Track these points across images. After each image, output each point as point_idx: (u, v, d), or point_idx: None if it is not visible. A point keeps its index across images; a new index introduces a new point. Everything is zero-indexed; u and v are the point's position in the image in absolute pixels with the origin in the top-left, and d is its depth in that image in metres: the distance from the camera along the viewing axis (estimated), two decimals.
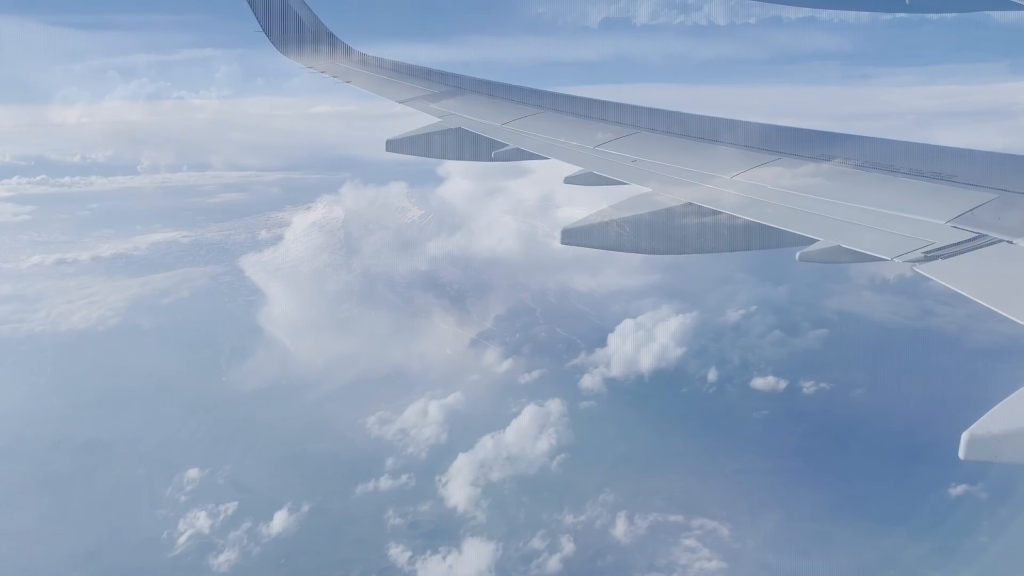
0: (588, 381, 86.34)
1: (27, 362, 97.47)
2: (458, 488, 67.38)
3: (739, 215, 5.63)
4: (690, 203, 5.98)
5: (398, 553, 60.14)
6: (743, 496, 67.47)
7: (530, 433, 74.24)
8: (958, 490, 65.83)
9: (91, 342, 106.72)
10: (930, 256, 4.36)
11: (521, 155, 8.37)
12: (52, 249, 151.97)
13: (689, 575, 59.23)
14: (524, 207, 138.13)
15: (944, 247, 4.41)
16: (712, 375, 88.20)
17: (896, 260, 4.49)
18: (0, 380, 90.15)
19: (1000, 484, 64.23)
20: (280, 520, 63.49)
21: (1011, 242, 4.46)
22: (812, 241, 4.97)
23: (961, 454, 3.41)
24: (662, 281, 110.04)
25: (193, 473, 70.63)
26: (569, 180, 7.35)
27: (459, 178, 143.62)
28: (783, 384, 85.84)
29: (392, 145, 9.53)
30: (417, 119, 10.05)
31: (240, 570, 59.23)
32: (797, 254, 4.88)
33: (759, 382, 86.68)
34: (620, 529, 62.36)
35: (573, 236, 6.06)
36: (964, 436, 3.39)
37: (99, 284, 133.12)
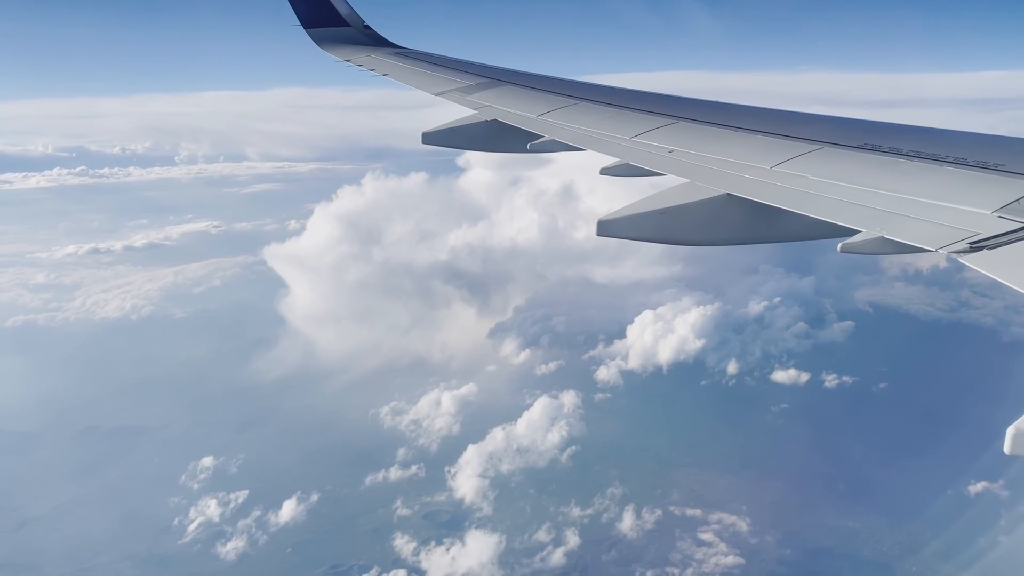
0: (604, 373, 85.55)
1: (62, 350, 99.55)
2: (466, 479, 67.12)
3: (780, 206, 5.45)
4: (729, 193, 5.77)
5: (403, 544, 59.93)
6: (762, 490, 66.34)
7: (541, 425, 73.48)
8: (978, 487, 63.95)
9: (125, 330, 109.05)
10: (975, 247, 4.21)
11: (556, 146, 8.09)
12: (88, 239, 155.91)
13: (705, 570, 58.21)
14: (544, 198, 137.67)
15: (990, 237, 4.25)
16: (732, 368, 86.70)
17: (940, 251, 4.30)
18: (36, 367, 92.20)
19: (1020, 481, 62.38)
20: (288, 509, 63.72)
21: None
22: (853, 232, 4.82)
23: (1007, 449, 3.16)
24: (683, 272, 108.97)
25: (207, 461, 71.25)
26: (605, 171, 7.05)
27: (480, 168, 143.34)
28: (805, 377, 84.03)
29: (428, 137, 9.39)
30: (452, 110, 10.00)
31: (247, 558, 59.39)
32: (839, 245, 4.70)
33: (780, 375, 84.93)
34: (627, 523, 61.36)
35: (609, 227, 5.76)
36: (1010, 431, 3.15)
37: (135, 273, 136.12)
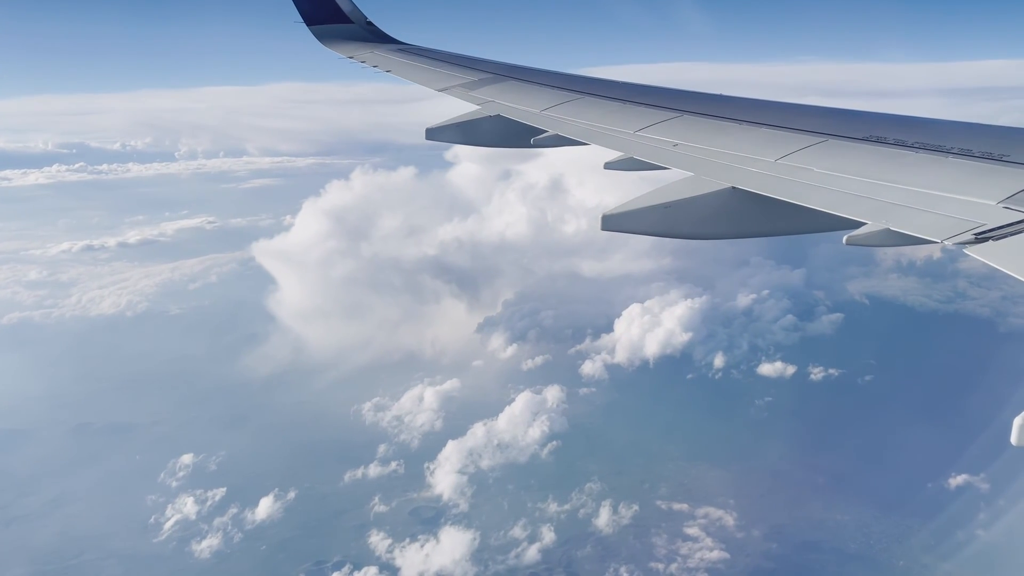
0: (589, 367, 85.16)
1: (57, 347, 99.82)
2: (445, 476, 66.80)
3: (785, 199, 5.44)
4: (734, 187, 5.74)
5: (378, 541, 59.61)
6: (749, 484, 66.04)
7: (523, 420, 73.05)
8: (958, 479, 63.79)
9: (120, 327, 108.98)
10: (981, 238, 4.18)
11: (560, 141, 8.12)
12: (87, 235, 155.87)
13: (689, 565, 58.03)
14: (533, 192, 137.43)
15: (995, 228, 4.22)
16: (719, 361, 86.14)
17: (946, 243, 4.28)
18: (31, 365, 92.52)
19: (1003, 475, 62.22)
20: (265, 506, 63.56)
21: None
22: (859, 224, 4.81)
23: (1013, 439, 3.28)
24: (673, 265, 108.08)
25: (187, 459, 71.15)
26: (609, 166, 7.00)
27: (469, 163, 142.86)
28: (791, 370, 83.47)
29: (432, 133, 9.43)
30: (454, 106, 10.05)
31: (221, 556, 59.28)
32: (844, 238, 4.67)
33: (766, 368, 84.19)
34: (604, 519, 60.95)
35: (614, 222, 5.71)
36: (1017, 421, 3.27)
37: (131, 270, 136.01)
